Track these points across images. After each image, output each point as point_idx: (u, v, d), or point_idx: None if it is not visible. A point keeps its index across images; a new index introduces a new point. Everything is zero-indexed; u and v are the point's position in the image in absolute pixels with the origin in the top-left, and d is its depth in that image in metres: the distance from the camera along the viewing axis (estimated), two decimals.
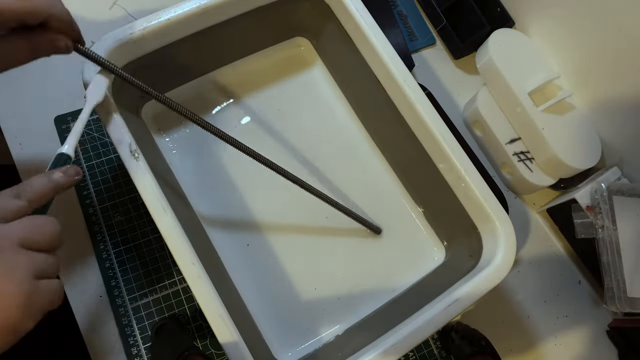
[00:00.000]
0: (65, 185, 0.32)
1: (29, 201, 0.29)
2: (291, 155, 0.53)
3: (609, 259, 0.52)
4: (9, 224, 0.27)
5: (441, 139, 0.45)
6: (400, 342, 0.39)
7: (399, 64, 0.46)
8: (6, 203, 0.28)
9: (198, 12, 0.44)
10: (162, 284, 0.48)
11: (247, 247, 0.49)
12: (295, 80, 0.57)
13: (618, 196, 0.53)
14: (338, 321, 0.49)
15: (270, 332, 0.47)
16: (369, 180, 0.55)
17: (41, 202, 0.30)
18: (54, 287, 0.28)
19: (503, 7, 0.64)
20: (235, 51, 0.54)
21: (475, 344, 0.48)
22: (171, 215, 0.38)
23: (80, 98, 0.46)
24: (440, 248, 0.53)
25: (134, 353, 0.45)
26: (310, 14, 0.53)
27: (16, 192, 0.29)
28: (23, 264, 0.26)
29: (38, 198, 0.30)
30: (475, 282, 0.41)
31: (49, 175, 0.31)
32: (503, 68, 0.57)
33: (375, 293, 0.50)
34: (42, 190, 0.30)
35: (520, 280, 0.57)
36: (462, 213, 0.47)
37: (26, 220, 0.28)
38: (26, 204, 0.29)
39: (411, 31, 0.65)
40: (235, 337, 0.36)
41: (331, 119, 0.56)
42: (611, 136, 0.58)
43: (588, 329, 0.57)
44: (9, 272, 0.26)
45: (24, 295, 0.26)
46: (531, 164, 0.58)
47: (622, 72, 0.54)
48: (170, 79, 0.51)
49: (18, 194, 0.29)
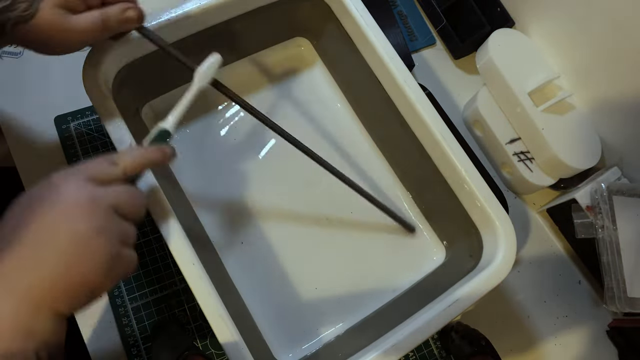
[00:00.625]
0: (160, 162, 0.32)
1: (124, 170, 0.30)
2: (289, 155, 0.53)
3: (609, 259, 0.52)
4: (105, 187, 0.28)
5: (441, 138, 0.45)
6: (400, 343, 0.38)
7: (399, 64, 0.46)
8: (104, 168, 0.29)
9: (198, 12, 0.44)
10: (162, 284, 0.48)
11: (247, 247, 0.49)
12: (295, 81, 0.57)
13: (618, 196, 0.53)
14: (338, 321, 0.49)
15: (271, 333, 0.47)
16: (369, 180, 0.55)
17: (135, 172, 0.31)
18: (132, 257, 0.29)
19: (503, 7, 0.64)
20: (235, 51, 0.54)
21: (475, 344, 0.48)
22: (171, 215, 0.38)
23: (80, 98, 0.46)
24: (441, 248, 0.53)
25: (134, 353, 0.45)
26: (310, 14, 0.53)
27: (113, 159, 0.30)
28: (113, 228, 0.27)
29: (133, 168, 0.31)
30: (475, 283, 0.41)
31: (146, 150, 0.32)
32: (503, 68, 0.57)
33: (376, 293, 0.50)
34: (138, 162, 0.31)
35: (520, 280, 0.57)
36: (462, 213, 0.47)
37: (121, 188, 0.29)
38: (121, 172, 0.30)
39: (411, 31, 0.65)
40: (236, 337, 0.36)
41: (331, 119, 0.56)
42: (611, 136, 0.58)
43: (588, 329, 0.57)
44: (100, 233, 0.26)
45: (110, 257, 0.27)
46: (531, 164, 0.58)
47: (622, 72, 0.54)
48: (170, 80, 0.51)
49: (115, 162, 0.30)
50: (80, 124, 0.51)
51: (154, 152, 0.32)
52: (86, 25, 0.34)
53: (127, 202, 0.29)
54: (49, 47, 0.35)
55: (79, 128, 0.51)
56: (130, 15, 0.35)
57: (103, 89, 0.40)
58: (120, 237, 0.28)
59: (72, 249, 0.26)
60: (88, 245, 0.26)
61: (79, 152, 0.50)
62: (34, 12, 0.32)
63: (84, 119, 0.51)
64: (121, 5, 0.35)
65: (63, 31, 0.33)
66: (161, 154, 0.33)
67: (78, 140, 0.50)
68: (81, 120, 0.51)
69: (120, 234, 0.28)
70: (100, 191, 0.28)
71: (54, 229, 0.26)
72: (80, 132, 0.51)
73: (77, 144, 0.50)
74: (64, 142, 0.50)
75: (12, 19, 0.32)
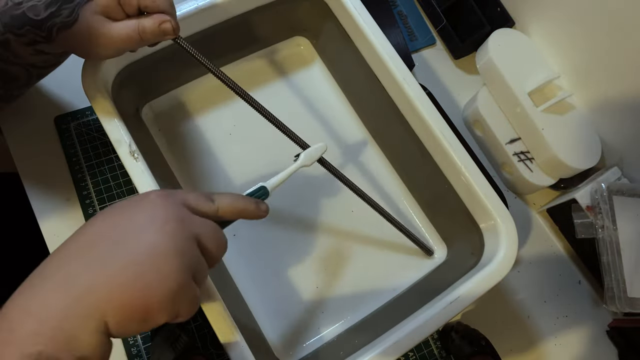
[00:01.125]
0: (252, 214, 0.33)
1: (218, 209, 0.30)
2: (289, 155, 0.53)
3: (609, 259, 0.52)
4: (196, 216, 0.28)
5: (441, 136, 0.45)
6: (401, 340, 0.39)
7: (398, 63, 0.46)
8: (201, 200, 0.29)
9: (197, 12, 0.44)
10: None
11: (247, 246, 0.49)
12: (294, 80, 0.57)
13: (618, 196, 0.53)
14: (339, 320, 0.49)
15: (272, 331, 0.47)
16: (369, 179, 0.55)
17: (227, 215, 0.31)
18: (197, 295, 0.27)
19: (503, 7, 0.64)
20: (235, 50, 0.54)
21: (475, 344, 0.48)
22: None
23: (80, 98, 0.46)
24: (442, 246, 0.53)
25: (134, 353, 0.45)
26: (309, 13, 0.53)
27: (211, 196, 0.30)
28: (191, 255, 0.26)
29: (227, 211, 0.31)
30: (477, 280, 0.41)
31: (244, 198, 0.33)
32: (503, 68, 0.57)
33: (377, 292, 0.50)
34: (234, 205, 0.31)
35: (520, 280, 0.57)
36: (463, 211, 0.47)
37: (210, 223, 0.29)
38: (216, 209, 0.30)
39: (411, 31, 0.65)
40: (237, 336, 0.36)
41: (331, 118, 0.56)
42: (611, 136, 0.58)
43: (588, 329, 0.57)
44: (177, 253, 0.25)
45: (178, 282, 0.25)
46: (531, 164, 0.58)
47: (622, 72, 0.54)
48: (169, 80, 0.51)
49: (212, 198, 0.30)
50: (80, 124, 0.51)
51: (251, 203, 0.33)
52: (122, 35, 0.35)
53: (210, 237, 0.28)
54: (90, 52, 0.36)
55: (79, 128, 0.51)
56: (166, 28, 0.36)
57: (102, 89, 0.40)
58: (194, 269, 0.27)
59: (146, 259, 0.24)
60: (164, 260, 0.25)
61: (79, 152, 0.50)
62: (76, 18, 0.34)
63: (84, 119, 0.51)
64: (157, 18, 0.35)
65: (101, 37, 0.35)
66: (256, 207, 0.33)
67: (78, 140, 0.50)
68: (81, 120, 0.51)
69: (195, 265, 0.27)
70: (190, 216, 0.28)
71: (136, 234, 0.25)
72: (80, 132, 0.51)
73: (77, 144, 0.50)
74: (64, 142, 0.50)
75: (57, 24, 0.34)
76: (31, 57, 0.36)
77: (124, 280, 0.24)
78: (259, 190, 0.36)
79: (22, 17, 0.33)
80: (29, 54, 0.36)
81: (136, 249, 0.25)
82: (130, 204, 0.27)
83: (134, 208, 0.27)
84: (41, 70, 0.39)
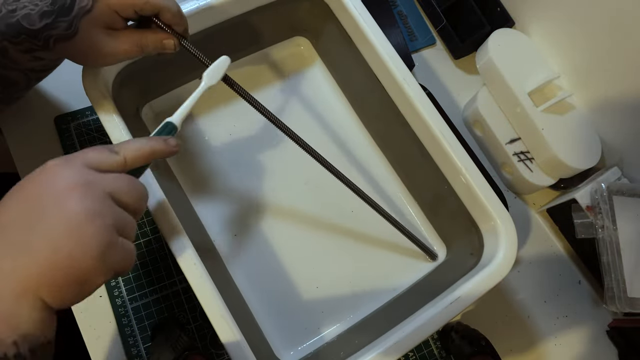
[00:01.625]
0: (162, 152, 0.31)
1: (125, 159, 0.29)
2: (289, 155, 0.53)
3: (609, 259, 0.52)
4: (103, 174, 0.27)
5: (441, 137, 0.45)
6: (402, 341, 0.39)
7: (398, 63, 0.46)
8: (103, 155, 0.28)
9: (197, 12, 0.44)
10: (162, 284, 0.48)
11: (248, 245, 0.49)
12: (295, 80, 0.57)
13: (618, 196, 0.53)
14: (339, 320, 0.49)
15: (272, 332, 0.47)
16: (369, 180, 0.55)
17: (137, 162, 0.30)
18: (130, 248, 0.27)
19: (503, 7, 0.64)
20: (234, 51, 0.54)
21: (475, 344, 0.48)
22: (172, 215, 0.38)
23: (80, 98, 0.46)
24: (442, 246, 0.53)
25: (134, 353, 0.45)
26: (309, 13, 0.53)
27: (114, 148, 0.29)
28: (108, 214, 0.26)
29: (134, 157, 0.29)
30: (476, 280, 0.41)
31: (149, 139, 0.31)
32: (503, 68, 0.57)
33: (377, 292, 0.50)
34: (140, 151, 0.30)
35: (520, 280, 0.57)
36: (463, 211, 0.47)
37: (122, 176, 0.28)
38: (122, 160, 0.29)
39: (411, 31, 0.65)
40: (238, 336, 0.36)
41: (331, 118, 0.56)
42: (611, 136, 0.58)
43: (588, 329, 0.57)
44: (92, 217, 0.25)
45: (103, 244, 0.25)
46: (531, 164, 0.58)
47: (622, 72, 0.54)
48: (170, 80, 0.51)
49: (116, 150, 0.29)
50: (80, 124, 0.51)
51: (158, 142, 0.31)
52: (124, 49, 0.35)
53: (125, 191, 0.27)
54: (89, 62, 0.37)
55: (79, 128, 0.51)
56: (169, 45, 0.36)
57: (103, 89, 0.40)
58: (117, 226, 0.26)
59: (62, 232, 0.24)
60: (79, 228, 0.24)
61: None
62: (75, 31, 0.34)
63: (84, 119, 0.51)
64: (160, 36, 0.36)
65: (102, 49, 0.35)
66: (165, 144, 0.31)
67: (78, 140, 0.50)
68: (81, 120, 0.51)
69: (116, 221, 0.26)
70: (96, 176, 0.26)
71: (44, 211, 0.24)
72: (80, 132, 0.51)
73: (77, 144, 0.50)
74: (64, 142, 0.50)
75: (54, 35, 0.33)
76: (29, 62, 0.36)
77: (48, 255, 0.24)
78: (165, 127, 0.34)
79: (17, 26, 0.33)
80: (27, 60, 0.36)
81: (50, 226, 0.24)
82: (32, 178, 0.26)
83: (37, 183, 0.26)
84: (40, 73, 0.39)
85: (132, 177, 0.29)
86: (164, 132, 0.34)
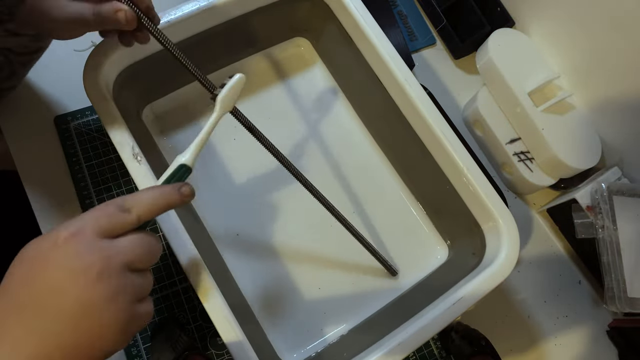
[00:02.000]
0: (177, 204, 0.29)
1: (138, 217, 0.27)
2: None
3: (609, 259, 0.52)
4: (117, 241, 0.26)
5: (443, 137, 0.45)
6: (405, 341, 0.39)
7: (399, 63, 0.46)
8: (115, 217, 0.26)
9: (198, 13, 0.44)
10: (162, 284, 0.48)
11: (249, 245, 0.49)
12: (295, 81, 0.57)
13: (618, 196, 0.53)
14: (342, 321, 0.49)
15: (275, 334, 0.47)
16: (371, 180, 0.55)
17: (150, 217, 0.28)
18: (149, 309, 0.27)
19: (503, 7, 0.64)
20: (235, 52, 0.54)
21: (475, 344, 0.48)
22: (173, 216, 0.38)
23: (80, 98, 0.46)
24: (444, 246, 0.53)
25: (134, 353, 0.45)
26: (310, 14, 0.53)
27: (125, 206, 0.27)
28: (128, 291, 0.25)
29: (148, 214, 0.27)
30: (479, 280, 0.41)
31: (162, 191, 0.29)
32: (503, 68, 0.57)
33: (379, 292, 0.50)
34: (154, 205, 0.28)
35: (520, 280, 0.57)
36: (464, 211, 0.47)
37: (137, 239, 0.26)
38: (135, 219, 0.27)
39: (411, 31, 0.65)
40: (240, 337, 0.36)
41: (332, 119, 0.56)
42: (611, 136, 0.58)
43: (588, 329, 0.57)
44: (113, 300, 0.24)
45: (124, 323, 0.25)
46: (531, 164, 0.58)
47: (622, 72, 0.54)
48: (171, 81, 0.51)
49: (128, 208, 0.27)
50: (80, 124, 0.51)
51: (171, 194, 0.29)
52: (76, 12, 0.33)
53: (143, 255, 0.26)
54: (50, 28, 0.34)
55: (79, 128, 0.51)
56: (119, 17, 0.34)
57: (104, 91, 0.40)
58: (136, 296, 0.26)
59: (83, 317, 0.24)
60: (100, 313, 0.24)
61: (79, 152, 0.50)
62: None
63: (84, 119, 0.51)
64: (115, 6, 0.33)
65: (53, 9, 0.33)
66: (179, 195, 0.29)
67: (78, 140, 0.50)
68: (81, 120, 0.51)
69: (135, 292, 0.26)
70: (113, 249, 0.25)
71: (62, 294, 0.24)
72: (80, 132, 0.51)
73: (77, 144, 0.50)
74: (64, 142, 0.50)
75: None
76: (3, 39, 0.35)
77: (68, 342, 0.24)
78: (178, 171, 0.31)
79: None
80: (1, 36, 0.35)
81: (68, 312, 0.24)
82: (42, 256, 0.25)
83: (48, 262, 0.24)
84: (21, 57, 0.38)
85: (146, 235, 0.27)
86: (177, 176, 0.31)
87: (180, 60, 0.35)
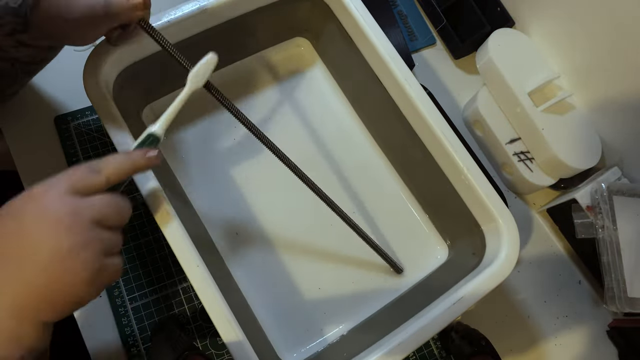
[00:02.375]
0: (144, 167, 0.32)
1: (107, 178, 0.29)
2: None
3: (609, 259, 0.52)
4: (87, 198, 0.28)
5: (443, 137, 0.45)
6: (406, 341, 0.39)
7: (399, 63, 0.46)
8: (85, 177, 0.28)
9: (198, 13, 0.44)
10: (162, 284, 0.48)
11: (249, 246, 0.49)
12: (295, 81, 0.57)
13: (618, 196, 0.53)
14: (342, 321, 0.49)
15: (275, 334, 0.47)
16: (371, 180, 0.55)
17: (119, 179, 0.30)
18: (117, 264, 0.29)
19: (503, 7, 0.64)
20: (235, 52, 0.54)
21: (475, 344, 0.48)
22: (174, 217, 0.38)
23: (80, 98, 0.46)
24: (444, 247, 0.53)
25: (134, 353, 0.45)
26: (310, 14, 0.53)
27: (95, 168, 0.29)
28: (95, 242, 0.27)
29: (116, 176, 0.30)
30: (479, 280, 0.41)
31: (129, 154, 0.31)
32: (503, 68, 0.57)
33: (379, 292, 0.50)
34: (121, 168, 0.30)
35: (520, 280, 0.57)
36: (464, 211, 0.47)
37: (105, 198, 0.29)
38: (104, 180, 0.29)
39: (411, 31, 0.65)
40: (241, 338, 0.36)
41: (332, 119, 0.56)
42: (611, 136, 0.58)
43: (588, 329, 0.57)
44: (82, 249, 0.26)
45: (93, 272, 0.27)
46: (531, 164, 0.58)
47: (622, 72, 0.54)
48: (171, 81, 0.51)
49: (97, 170, 0.29)
50: (80, 124, 0.51)
51: (138, 158, 0.31)
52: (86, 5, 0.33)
53: (111, 213, 0.28)
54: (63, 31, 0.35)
55: (79, 128, 0.51)
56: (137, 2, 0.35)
57: (104, 91, 0.40)
58: (105, 250, 0.28)
59: (55, 265, 0.26)
60: (71, 261, 0.26)
61: (79, 152, 0.50)
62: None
63: (84, 119, 0.51)
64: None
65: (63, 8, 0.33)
66: (146, 159, 0.32)
67: (78, 140, 0.50)
68: (81, 120, 0.51)
69: (104, 246, 0.28)
70: (82, 204, 0.27)
71: (36, 245, 0.26)
72: (80, 132, 0.51)
73: (77, 144, 0.50)
74: (64, 142, 0.50)
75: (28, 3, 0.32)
76: (14, 50, 0.36)
77: (43, 287, 0.26)
78: (147, 139, 0.34)
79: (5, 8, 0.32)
80: (11, 46, 0.35)
81: (43, 260, 0.26)
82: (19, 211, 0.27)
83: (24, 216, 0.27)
84: (27, 66, 0.39)
85: (115, 196, 0.29)
86: (147, 144, 0.34)
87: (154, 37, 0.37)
